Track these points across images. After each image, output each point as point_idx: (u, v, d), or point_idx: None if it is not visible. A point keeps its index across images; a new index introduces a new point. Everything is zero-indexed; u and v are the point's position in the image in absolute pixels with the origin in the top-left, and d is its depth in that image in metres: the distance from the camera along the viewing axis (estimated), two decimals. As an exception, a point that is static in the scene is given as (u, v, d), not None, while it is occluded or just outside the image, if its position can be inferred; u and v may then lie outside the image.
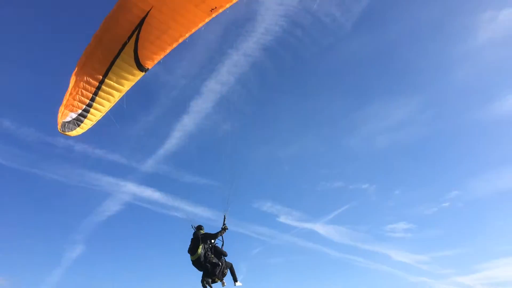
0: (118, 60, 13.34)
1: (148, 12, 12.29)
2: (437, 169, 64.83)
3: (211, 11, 12.47)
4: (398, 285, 54.93)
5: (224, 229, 12.74)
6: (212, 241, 12.70)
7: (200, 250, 12.13)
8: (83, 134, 14.00)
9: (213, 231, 12.97)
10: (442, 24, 59.04)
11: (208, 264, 12.10)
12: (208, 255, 12.22)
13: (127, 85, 14.22)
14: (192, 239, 12.55)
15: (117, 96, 14.24)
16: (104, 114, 14.28)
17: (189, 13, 12.52)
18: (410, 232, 58.06)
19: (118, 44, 12.98)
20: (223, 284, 12.57)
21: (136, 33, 12.80)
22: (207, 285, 12.09)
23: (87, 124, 13.84)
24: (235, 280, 12.90)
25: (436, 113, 63.64)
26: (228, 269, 12.73)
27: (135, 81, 14.32)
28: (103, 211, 56.32)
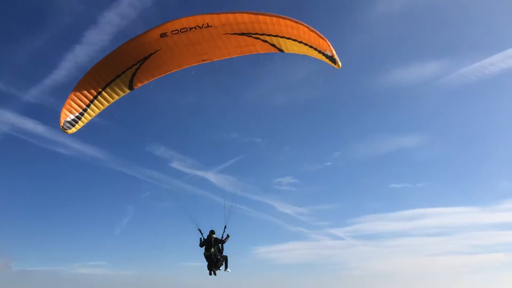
0: (117, 79, 16.73)
1: (156, 51, 16.23)
2: (325, 130, 72.26)
3: (202, 60, 17.12)
4: (278, 233, 63.73)
5: (227, 236, 18.80)
6: (219, 244, 18.69)
7: (213, 249, 18.25)
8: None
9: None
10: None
11: (215, 259, 18.25)
12: (216, 253, 18.37)
13: (115, 99, 17.48)
14: (206, 239, 18.53)
15: (105, 105, 17.34)
16: (91, 118, 17.20)
17: (185, 59, 16.87)
18: (294, 186, 65.41)
19: (123, 67, 16.45)
20: (226, 270, 18.90)
21: (140, 63, 16.54)
22: (212, 273, 18.35)
23: (79, 125, 16.61)
24: (226, 267, 19.03)
25: (329, 78, 69.64)
26: (224, 261, 18.88)
27: (121, 96, 17.69)
28: (-26, 140, 48.65)
